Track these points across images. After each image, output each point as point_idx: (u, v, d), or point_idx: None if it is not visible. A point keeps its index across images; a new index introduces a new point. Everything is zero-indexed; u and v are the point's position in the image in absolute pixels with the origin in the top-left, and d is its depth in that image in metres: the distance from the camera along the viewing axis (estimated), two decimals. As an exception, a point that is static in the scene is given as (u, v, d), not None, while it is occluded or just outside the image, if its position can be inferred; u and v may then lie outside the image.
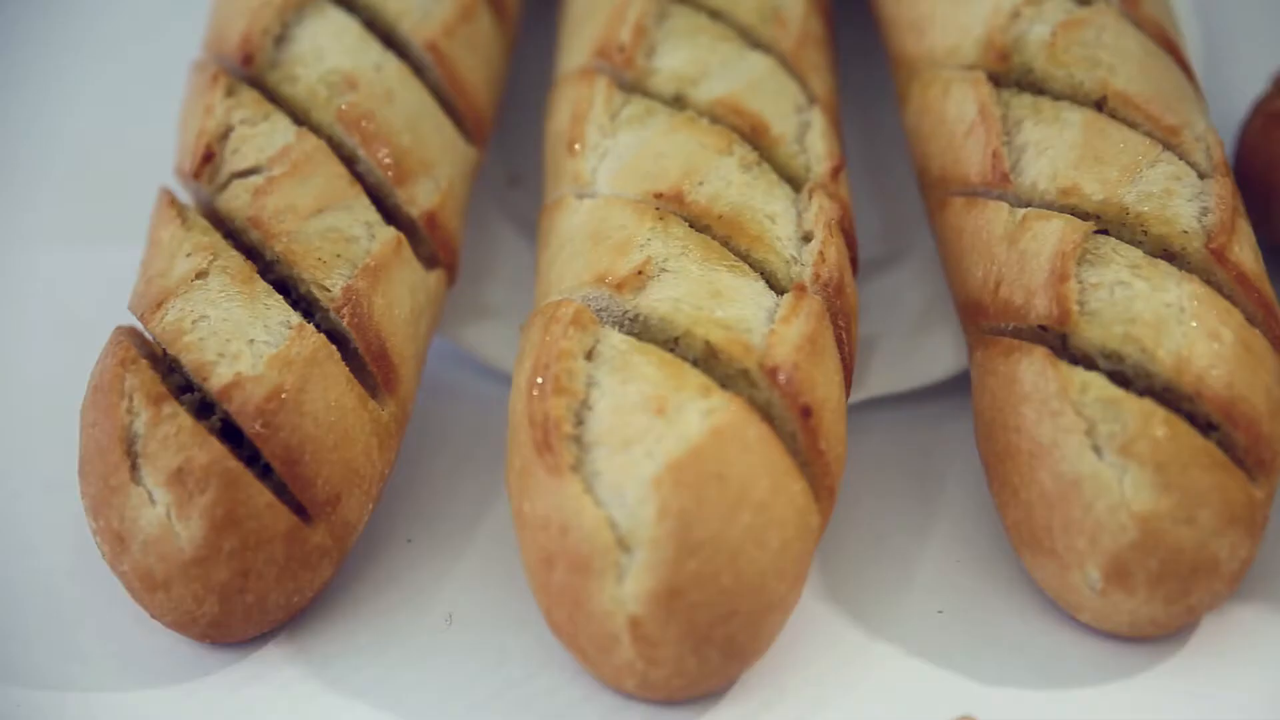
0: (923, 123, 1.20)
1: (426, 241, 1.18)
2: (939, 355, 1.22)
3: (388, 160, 1.16)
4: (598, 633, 0.99)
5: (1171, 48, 1.19)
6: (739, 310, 1.04)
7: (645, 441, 0.98)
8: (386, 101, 1.18)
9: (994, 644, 1.07)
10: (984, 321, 1.11)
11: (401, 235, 1.14)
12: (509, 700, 1.05)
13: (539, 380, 1.03)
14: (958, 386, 1.19)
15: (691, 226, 1.10)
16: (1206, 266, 1.07)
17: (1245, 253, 1.08)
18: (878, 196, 1.37)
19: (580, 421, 1.01)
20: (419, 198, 1.17)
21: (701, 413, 0.99)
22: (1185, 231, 1.07)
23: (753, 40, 1.22)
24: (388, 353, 1.11)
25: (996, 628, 1.08)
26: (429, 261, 1.18)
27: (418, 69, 1.23)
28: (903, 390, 1.22)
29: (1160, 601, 1.01)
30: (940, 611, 1.09)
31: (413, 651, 1.08)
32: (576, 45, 1.24)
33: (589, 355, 1.04)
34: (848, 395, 1.10)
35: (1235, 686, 1.03)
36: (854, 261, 1.16)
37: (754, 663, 1.03)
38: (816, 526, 1.03)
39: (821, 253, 1.09)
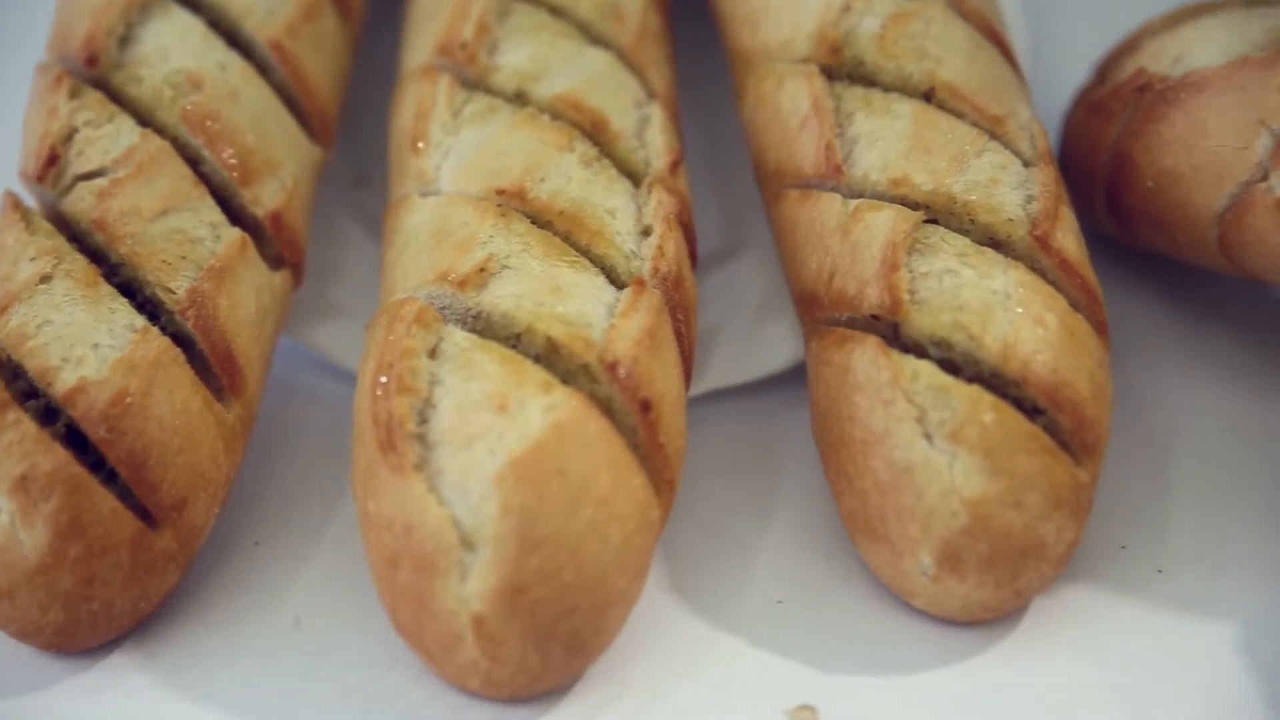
0: (758, 116, 1.20)
1: (272, 242, 1.16)
2: (778, 347, 1.23)
3: (233, 160, 1.14)
4: (442, 632, 0.98)
5: (997, 39, 1.19)
6: (579, 306, 1.04)
7: (487, 439, 0.98)
8: (231, 101, 1.16)
9: (832, 632, 1.07)
10: (819, 312, 1.11)
11: (246, 236, 1.12)
12: (356, 702, 1.04)
13: (382, 379, 1.02)
14: (797, 377, 1.19)
15: (533, 223, 1.09)
16: (1031, 253, 1.07)
17: (1068, 239, 1.09)
18: (718, 190, 1.37)
19: (424, 420, 1.00)
20: (264, 198, 1.15)
21: (542, 409, 0.99)
22: (1011, 219, 1.08)
23: (593, 36, 1.22)
24: (233, 354, 1.09)
25: (834, 616, 1.08)
26: (275, 262, 1.16)
27: (262, 69, 1.21)
28: (742, 382, 1.22)
29: (990, 585, 1.02)
30: (780, 601, 1.09)
31: (261, 655, 1.06)
32: (420, 43, 1.23)
33: (432, 353, 1.03)
34: (688, 388, 1.10)
35: (1064, 667, 1.04)
36: (693, 255, 1.15)
37: (597, 657, 1.02)
38: (657, 520, 1.02)
39: (660, 247, 1.09)
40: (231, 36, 1.21)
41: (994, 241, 1.08)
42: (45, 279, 1.07)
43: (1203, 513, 1.13)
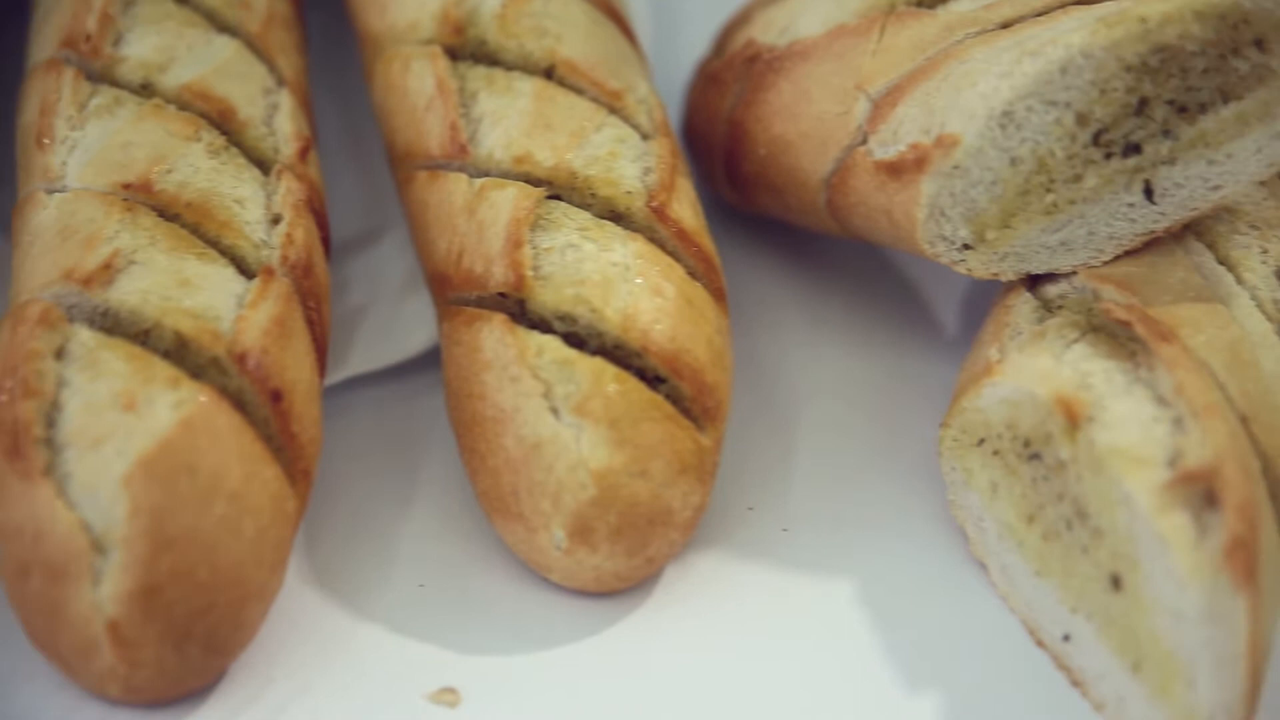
0: (388, 99, 1.18)
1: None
2: (417, 330, 1.21)
3: None
4: (77, 640, 0.94)
5: (615, 16, 1.21)
6: (208, 298, 1.01)
7: (115, 439, 0.94)
8: None
9: (474, 613, 1.07)
10: (450, 293, 1.09)
11: None
12: (-9, 721, 0.98)
13: (8, 384, 0.97)
14: (436, 360, 1.18)
15: (161, 216, 1.05)
16: (650, 225, 1.08)
17: (685, 209, 1.10)
18: (359, 173, 1.35)
19: (51, 423, 0.96)
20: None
21: (171, 405, 0.95)
22: (629, 192, 1.09)
23: (220, 24, 1.18)
24: None
25: (475, 597, 1.08)
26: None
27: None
28: (383, 366, 1.20)
29: (622, 555, 1.03)
30: (422, 585, 1.08)
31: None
32: (45, 37, 1.18)
33: (59, 354, 0.98)
34: (323, 376, 1.08)
35: (697, 629, 1.07)
36: (326, 241, 1.13)
37: (239, 654, 1.00)
38: (294, 511, 1.00)
39: (289, 234, 1.07)
40: None
41: (615, 214, 1.09)
42: None
43: (824, 472, 1.16)
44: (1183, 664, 0.96)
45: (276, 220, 1.09)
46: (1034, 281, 1.12)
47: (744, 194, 1.28)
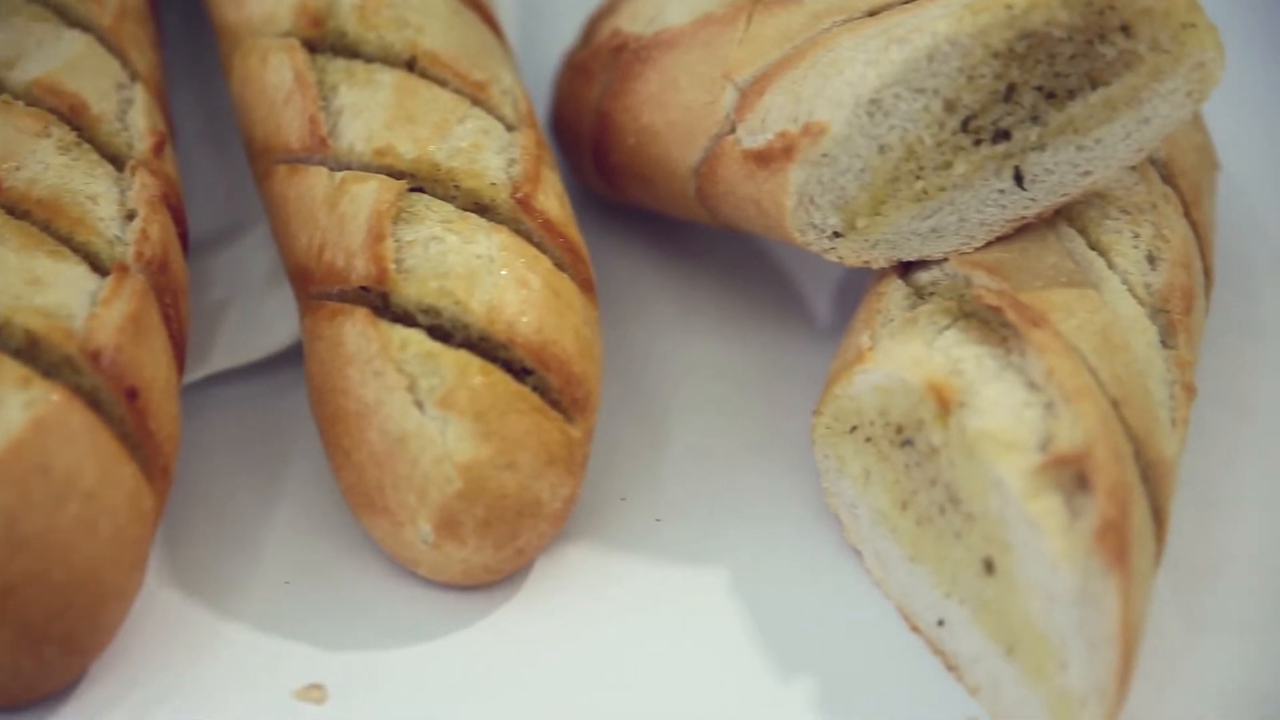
0: (246, 92, 1.19)
1: None
2: (280, 325, 1.22)
3: None
4: None
5: (478, 6, 1.22)
6: (59, 296, 1.01)
7: None
8: None
9: (340, 608, 1.08)
10: (312, 287, 1.10)
11: None
12: None
13: None
14: (300, 355, 1.17)
15: (10, 213, 1.05)
16: (515, 216, 1.10)
17: (550, 200, 1.12)
18: (220, 168, 1.35)
19: None
20: None
21: (22, 405, 0.96)
22: (494, 184, 1.11)
23: (70, 19, 1.18)
24: None
25: (342, 592, 1.09)
26: None
27: None
28: (246, 362, 1.20)
29: (490, 547, 1.04)
30: (287, 582, 1.09)
31: None
32: None
33: None
34: (182, 373, 1.08)
35: (570, 621, 1.08)
36: (183, 237, 1.13)
37: (98, 655, 1.00)
38: (152, 509, 1.01)
39: (144, 230, 1.07)
40: None
41: (479, 207, 1.10)
42: None
43: (697, 461, 1.18)
44: (1056, 646, 0.98)
45: (131, 216, 1.09)
46: (906, 268, 1.14)
47: (613, 184, 1.30)
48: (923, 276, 1.13)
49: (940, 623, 1.06)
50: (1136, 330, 1.09)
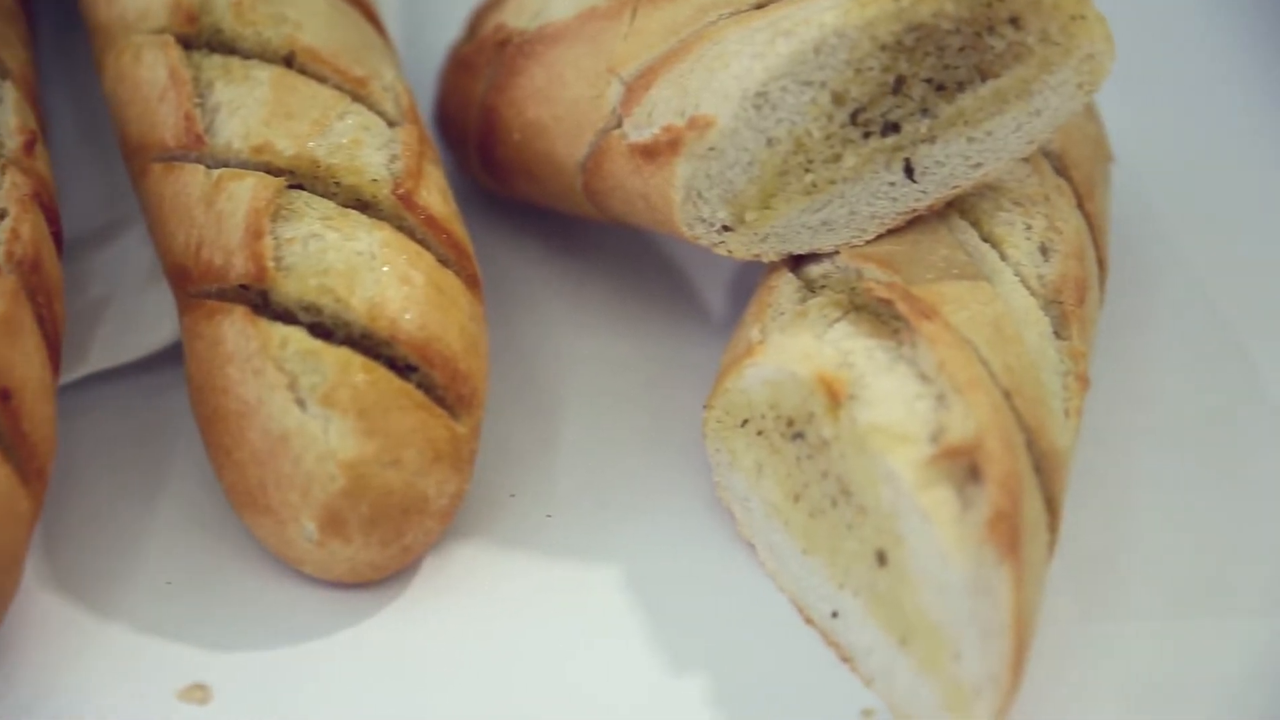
0: (120, 90, 1.20)
1: None
2: (160, 324, 1.22)
3: None
4: None
5: (358, 2, 1.24)
6: None
7: None
8: None
9: (224, 608, 1.09)
10: (190, 286, 1.12)
11: None
12: None
13: None
14: (181, 355, 1.18)
15: None
16: (397, 212, 1.12)
17: (434, 196, 1.14)
18: (98, 166, 1.35)
19: None
20: None
21: None
22: (375, 180, 1.12)
23: None
24: None
25: (226, 592, 1.10)
26: None
27: None
28: (125, 362, 1.21)
29: (376, 545, 1.06)
30: (169, 583, 1.10)
31: None
32: None
33: None
34: (57, 373, 1.09)
35: (458, 618, 1.10)
36: (57, 236, 1.14)
37: None
38: (28, 511, 1.01)
39: (15, 230, 1.07)
40: None
41: (361, 203, 1.12)
42: None
43: (588, 457, 1.20)
44: (949, 636, 1.01)
45: (1, 216, 1.09)
46: (796, 262, 1.17)
47: (500, 179, 1.32)
48: (814, 270, 1.15)
49: (834, 614, 1.08)
50: (1029, 322, 1.12)
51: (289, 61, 1.17)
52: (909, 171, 1.13)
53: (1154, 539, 1.18)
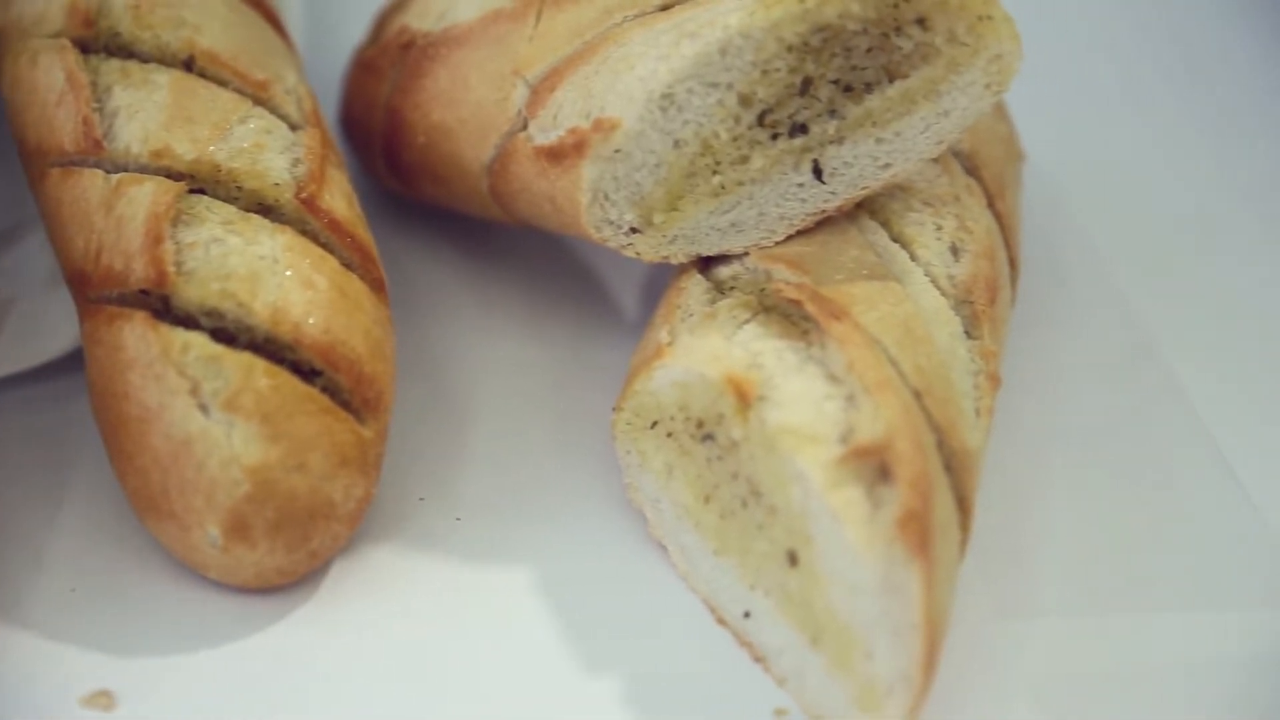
0: (16, 95, 1.21)
1: None
2: (63, 330, 1.23)
3: None
4: None
5: (258, 4, 1.26)
6: None
7: None
8: None
9: (129, 614, 1.10)
10: (90, 291, 1.12)
11: None
12: None
13: None
14: (82, 360, 1.19)
15: None
16: (300, 216, 1.13)
17: (337, 200, 1.15)
18: (5, 168, 1.34)
19: None
20: None
21: None
22: (277, 184, 1.14)
23: None
24: None
25: (131, 598, 1.11)
26: None
27: None
28: (26, 368, 1.22)
29: (282, 550, 1.07)
30: (73, 590, 1.11)
31: None
32: None
33: None
34: None
35: (367, 622, 1.11)
36: None
37: None
38: None
39: None
40: None
41: (264, 207, 1.13)
42: None
43: (499, 459, 1.22)
44: (860, 636, 1.03)
45: (-104, 223, 1.10)
46: (706, 263, 1.19)
47: (407, 183, 1.33)
48: (723, 271, 1.17)
49: (746, 615, 1.10)
50: (940, 322, 1.14)
51: (188, 65, 1.19)
52: (817, 173, 1.15)
53: (1066, 536, 1.21)
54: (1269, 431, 1.30)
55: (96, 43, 1.20)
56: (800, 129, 1.13)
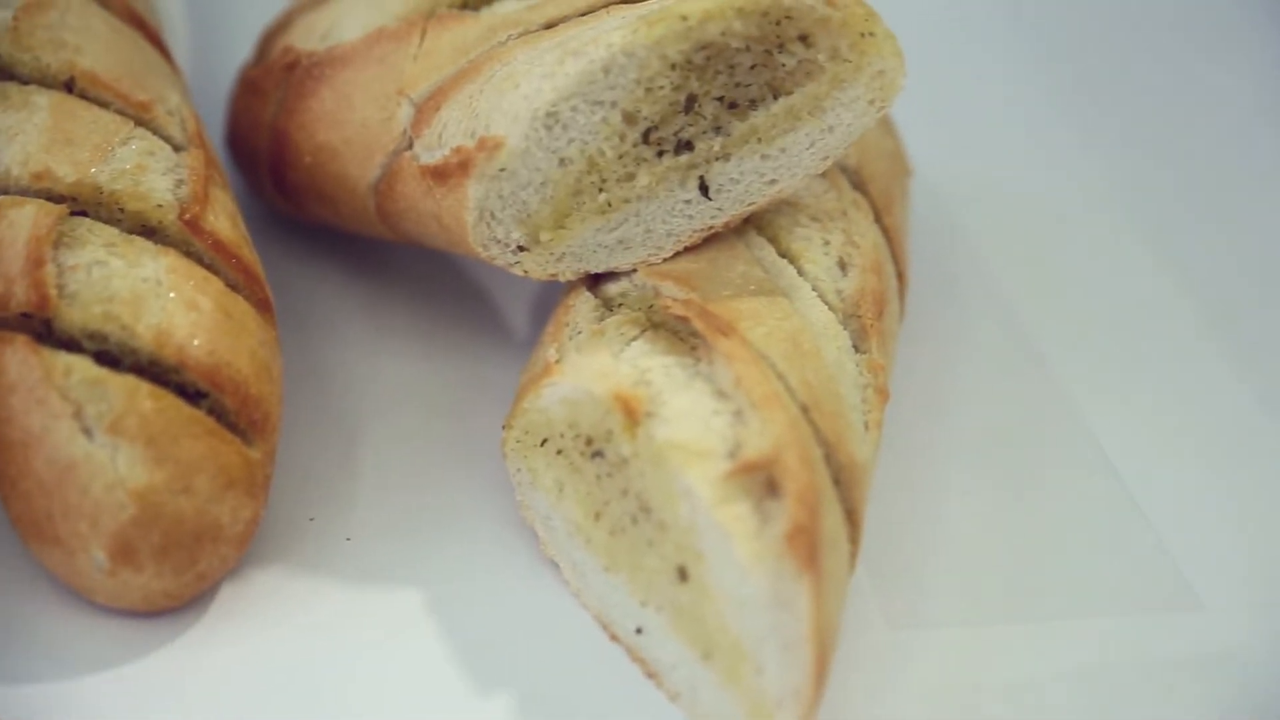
0: None
1: None
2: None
3: None
4: None
5: (140, 24, 1.27)
6: None
7: None
8: None
9: (14, 640, 1.11)
10: None
11: None
12: None
13: None
14: None
15: None
16: (184, 238, 1.15)
17: (221, 221, 1.17)
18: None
19: None
20: None
21: None
22: (160, 205, 1.15)
23: None
24: None
25: (15, 624, 1.11)
26: None
27: None
28: None
29: (169, 573, 1.08)
30: None
31: None
32: None
33: None
34: None
35: (258, 643, 1.12)
36: None
37: None
38: None
39: None
40: None
41: (147, 229, 1.15)
42: None
43: (389, 479, 1.24)
44: (750, 650, 1.06)
45: None
46: (594, 280, 1.21)
47: (294, 203, 1.35)
48: (611, 288, 1.20)
49: (638, 631, 1.13)
50: (828, 336, 1.17)
51: (69, 86, 1.20)
52: (704, 189, 1.17)
53: (956, 547, 1.24)
54: (1155, 438, 1.34)
55: (-27, 66, 1.21)
56: (686, 146, 1.15)
